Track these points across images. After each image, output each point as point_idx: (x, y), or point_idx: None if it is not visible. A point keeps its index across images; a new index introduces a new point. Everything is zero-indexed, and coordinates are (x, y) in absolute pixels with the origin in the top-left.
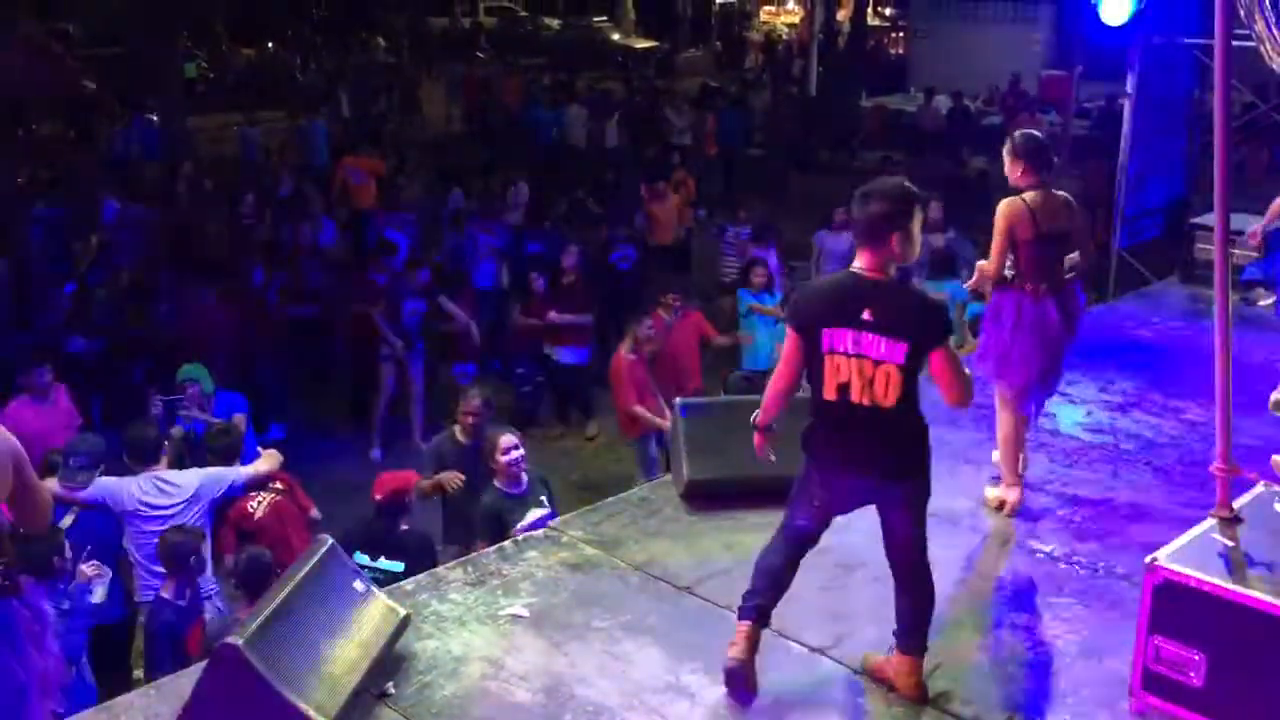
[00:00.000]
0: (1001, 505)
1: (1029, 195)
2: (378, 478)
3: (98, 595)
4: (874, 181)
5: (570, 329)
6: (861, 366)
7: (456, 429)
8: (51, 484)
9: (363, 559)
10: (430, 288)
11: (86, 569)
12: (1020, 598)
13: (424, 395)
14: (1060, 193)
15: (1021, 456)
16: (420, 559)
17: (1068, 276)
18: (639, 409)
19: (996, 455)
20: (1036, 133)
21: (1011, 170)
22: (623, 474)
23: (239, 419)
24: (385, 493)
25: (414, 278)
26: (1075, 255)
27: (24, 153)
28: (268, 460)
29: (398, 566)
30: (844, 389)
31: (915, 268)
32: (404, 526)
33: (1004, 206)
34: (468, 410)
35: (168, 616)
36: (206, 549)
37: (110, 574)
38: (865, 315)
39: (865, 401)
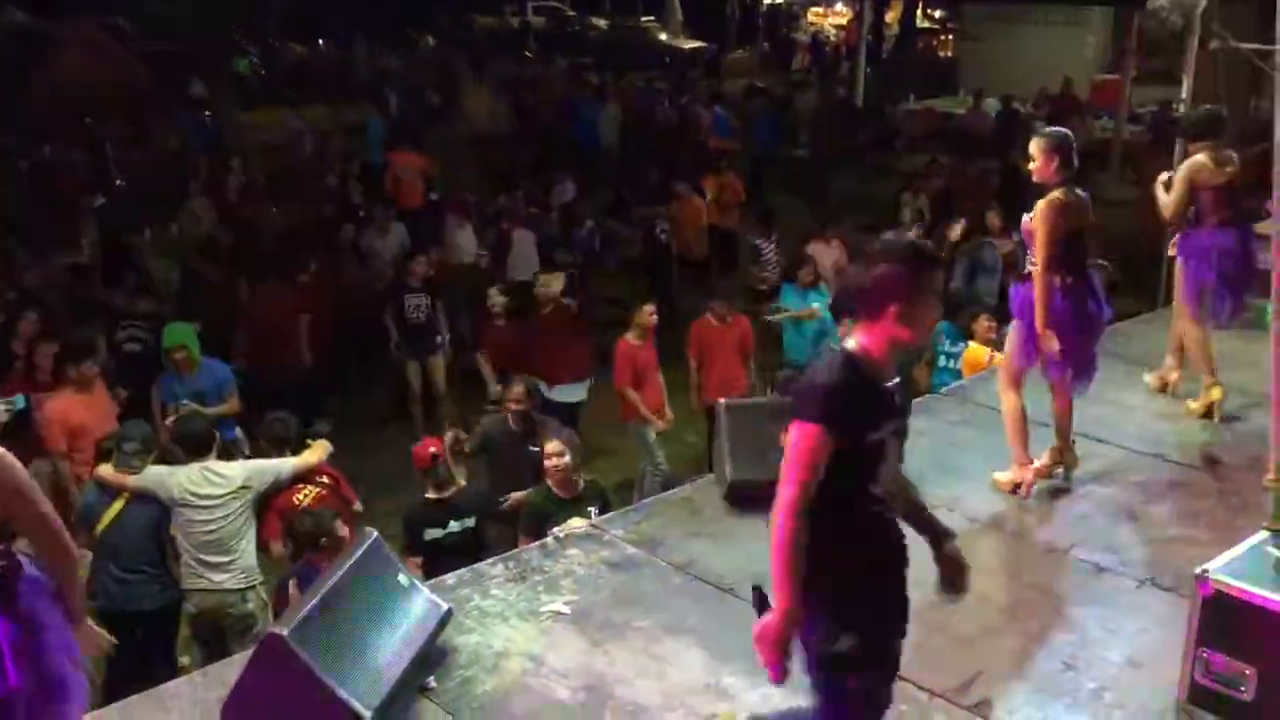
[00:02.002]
0: (1015, 488)
1: (1062, 192)
2: (413, 452)
3: None
4: (883, 239)
5: (564, 360)
6: None
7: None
8: (105, 470)
9: (435, 533)
10: (432, 281)
11: None
12: (1065, 607)
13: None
14: (1078, 189)
15: (1072, 451)
16: (483, 510)
17: (1087, 267)
18: (630, 391)
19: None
20: (1064, 130)
21: (1044, 166)
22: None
23: (232, 398)
24: (422, 463)
25: (413, 272)
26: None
27: (82, 147)
28: (316, 451)
29: (470, 523)
30: None
31: (984, 270)
32: (453, 488)
33: (1047, 205)
34: (510, 399)
35: None
36: (251, 537)
37: (89, 556)
38: None
39: None
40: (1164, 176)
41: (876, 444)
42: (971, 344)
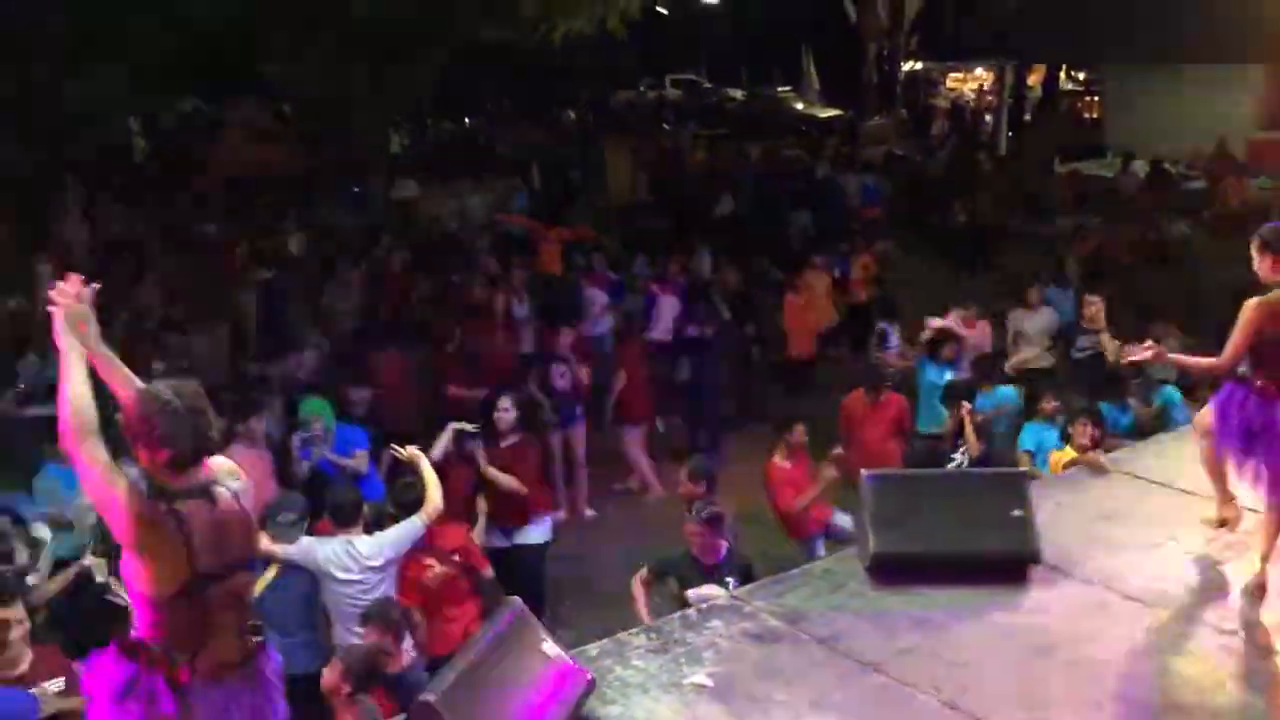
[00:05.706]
0: (1223, 524)
1: (1276, 294)
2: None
3: None
4: None
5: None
6: None
7: None
8: (263, 540)
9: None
10: (582, 348)
11: None
12: (1229, 689)
13: (584, 462)
14: None
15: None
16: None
17: None
18: (799, 500)
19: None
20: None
21: (1260, 264)
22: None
23: (360, 455)
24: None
25: (559, 342)
26: None
27: (247, 226)
28: (433, 496)
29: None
30: None
31: None
32: None
33: (1253, 303)
34: (691, 525)
35: None
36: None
37: None
38: None
39: None
40: None
41: None
42: (1062, 450)
